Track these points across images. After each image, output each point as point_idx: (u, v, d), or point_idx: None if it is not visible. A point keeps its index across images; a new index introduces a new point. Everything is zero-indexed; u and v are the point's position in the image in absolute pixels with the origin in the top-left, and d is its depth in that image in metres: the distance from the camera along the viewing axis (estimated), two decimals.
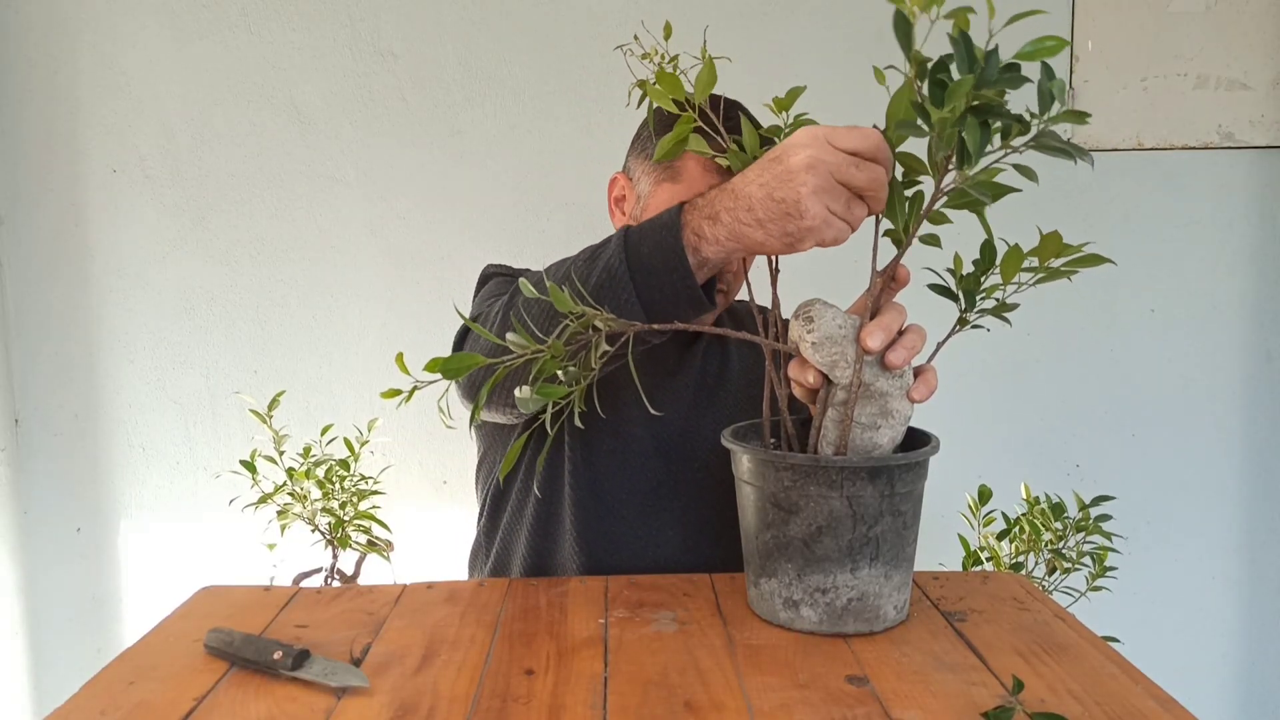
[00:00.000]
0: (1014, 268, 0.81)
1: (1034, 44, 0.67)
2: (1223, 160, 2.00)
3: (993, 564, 1.50)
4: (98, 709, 0.70)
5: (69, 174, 1.97)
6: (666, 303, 0.84)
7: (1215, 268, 2.03)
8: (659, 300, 0.84)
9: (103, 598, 2.06)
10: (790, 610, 0.81)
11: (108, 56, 1.95)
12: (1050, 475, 1.99)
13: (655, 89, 0.86)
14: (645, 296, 0.84)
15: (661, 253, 0.84)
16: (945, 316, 0.87)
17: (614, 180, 1.21)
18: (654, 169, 1.12)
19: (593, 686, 0.72)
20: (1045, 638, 0.81)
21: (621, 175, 1.20)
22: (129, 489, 2.04)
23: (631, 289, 0.84)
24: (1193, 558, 2.08)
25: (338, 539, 1.60)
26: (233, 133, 1.97)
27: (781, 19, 1.96)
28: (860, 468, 0.78)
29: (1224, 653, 2.10)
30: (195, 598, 0.92)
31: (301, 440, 1.67)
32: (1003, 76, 0.66)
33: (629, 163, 1.19)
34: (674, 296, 0.84)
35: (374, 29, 1.96)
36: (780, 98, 0.89)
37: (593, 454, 1.10)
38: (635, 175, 1.16)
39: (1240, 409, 2.05)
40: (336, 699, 0.70)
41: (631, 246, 0.86)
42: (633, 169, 1.17)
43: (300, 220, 1.99)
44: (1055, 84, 0.68)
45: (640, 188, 1.15)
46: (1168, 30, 1.96)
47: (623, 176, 1.20)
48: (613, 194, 1.21)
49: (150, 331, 2.01)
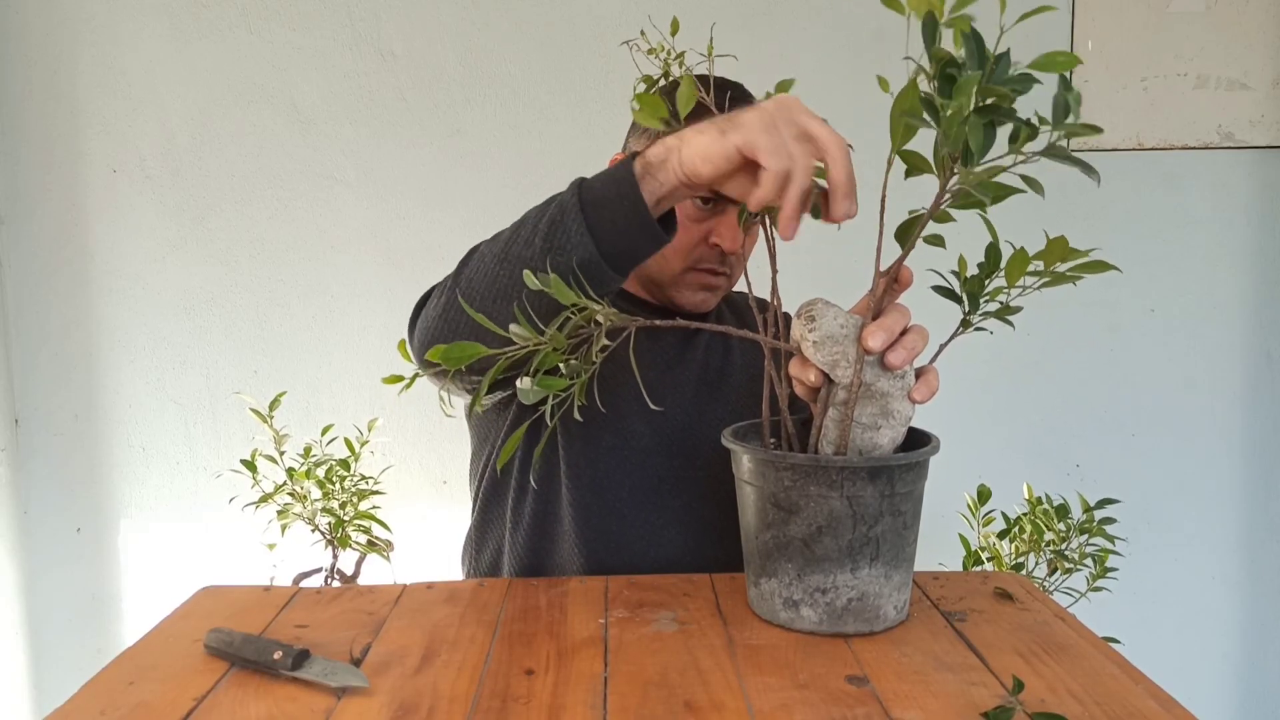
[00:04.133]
0: (1019, 271, 0.80)
1: (1047, 57, 0.67)
2: (1223, 160, 2.00)
3: (993, 564, 1.50)
4: (98, 709, 0.70)
5: (69, 174, 1.97)
6: (619, 233, 0.82)
7: (1215, 268, 2.03)
8: (611, 231, 0.82)
9: (103, 598, 2.06)
10: (790, 610, 0.81)
11: (108, 56, 1.95)
12: (1050, 475, 1.99)
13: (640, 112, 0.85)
14: (596, 227, 0.82)
15: (613, 183, 0.83)
16: (948, 318, 0.87)
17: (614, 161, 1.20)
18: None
19: (593, 686, 0.72)
20: (1045, 638, 0.81)
21: (622, 155, 1.20)
22: (129, 489, 2.04)
23: (581, 220, 0.82)
24: (1193, 558, 2.08)
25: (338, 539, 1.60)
26: (233, 133, 1.97)
27: (782, 18, 1.96)
28: (860, 468, 0.78)
29: (1224, 653, 2.10)
30: (195, 598, 0.92)
31: (302, 440, 1.67)
32: (1013, 78, 0.66)
33: (629, 143, 1.19)
34: (626, 225, 0.82)
35: (374, 29, 1.96)
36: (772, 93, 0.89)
37: (593, 451, 1.10)
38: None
39: (1240, 409, 2.05)
40: (336, 699, 0.70)
41: (585, 184, 0.85)
42: (632, 149, 1.17)
43: (300, 220, 1.99)
44: (1073, 95, 0.68)
45: None
46: (1168, 30, 1.96)
47: (623, 156, 1.19)
48: None
49: (150, 331, 2.01)
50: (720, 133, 0.78)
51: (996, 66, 0.66)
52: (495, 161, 1.97)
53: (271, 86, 1.96)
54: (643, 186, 0.82)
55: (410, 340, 0.99)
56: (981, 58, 0.66)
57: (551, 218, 0.84)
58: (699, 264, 1.12)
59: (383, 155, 1.98)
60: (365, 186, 1.99)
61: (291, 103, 1.97)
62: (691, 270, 1.12)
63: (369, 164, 1.98)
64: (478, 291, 0.88)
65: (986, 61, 0.66)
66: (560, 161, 1.96)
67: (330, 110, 1.97)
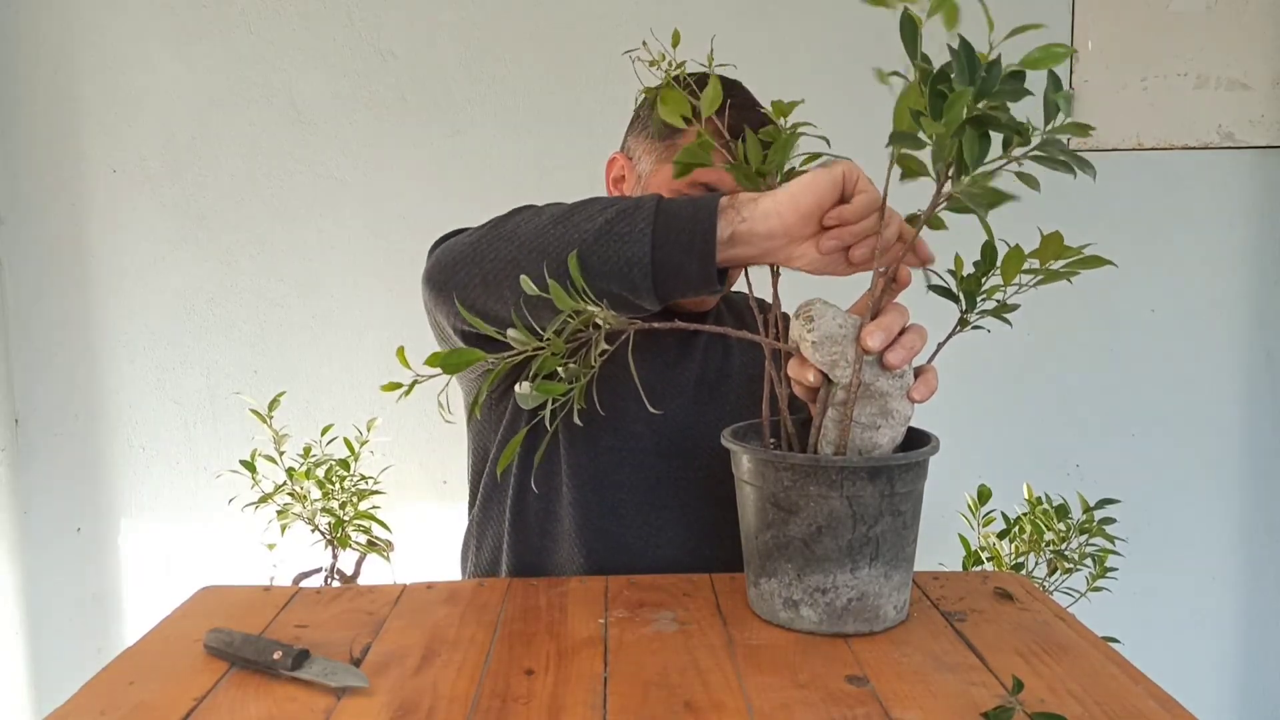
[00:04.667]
0: (1015, 269, 0.81)
1: (1041, 50, 0.65)
2: (1223, 160, 2.00)
3: (993, 564, 1.50)
4: (98, 709, 0.70)
5: (69, 174, 1.97)
6: (677, 247, 0.81)
7: (1215, 268, 2.03)
8: (671, 243, 0.81)
9: (103, 598, 2.06)
10: (790, 610, 0.81)
11: (108, 56, 1.95)
12: (1050, 475, 1.99)
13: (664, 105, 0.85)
14: (660, 231, 0.81)
15: (693, 204, 0.82)
16: (946, 317, 0.87)
17: (613, 160, 1.19)
18: (655, 147, 1.11)
19: (593, 686, 0.72)
20: (1045, 638, 0.81)
21: (621, 155, 1.18)
22: (129, 489, 2.04)
23: (651, 219, 0.81)
24: (1193, 558, 2.08)
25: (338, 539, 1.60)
26: (233, 133, 1.97)
27: (782, 20, 1.96)
28: (860, 468, 0.78)
29: (1224, 653, 2.10)
30: (195, 598, 0.92)
31: (301, 440, 1.68)
32: (1004, 88, 0.65)
33: (628, 142, 1.18)
34: (688, 242, 0.80)
35: (374, 29, 1.96)
36: (781, 103, 0.89)
37: (593, 451, 1.10)
38: (636, 155, 1.15)
39: (1240, 409, 2.05)
40: (336, 699, 0.70)
41: (664, 199, 0.84)
42: (633, 148, 1.16)
43: (300, 220, 1.99)
44: (1062, 95, 0.67)
45: (641, 167, 1.14)
46: (1168, 30, 1.96)
47: (622, 156, 1.18)
48: (611, 174, 1.19)
49: (150, 331, 2.01)
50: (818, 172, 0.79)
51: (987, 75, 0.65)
52: (495, 161, 1.97)
53: (271, 86, 1.96)
54: (722, 217, 0.81)
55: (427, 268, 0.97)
56: (972, 70, 0.66)
57: (622, 207, 0.84)
58: None
59: (383, 155, 1.98)
60: (365, 186, 1.99)
61: (291, 103, 1.97)
62: None
63: (369, 164, 1.98)
64: (520, 238, 0.87)
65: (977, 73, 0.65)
66: (560, 162, 1.96)
67: (330, 110, 1.97)
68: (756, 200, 0.81)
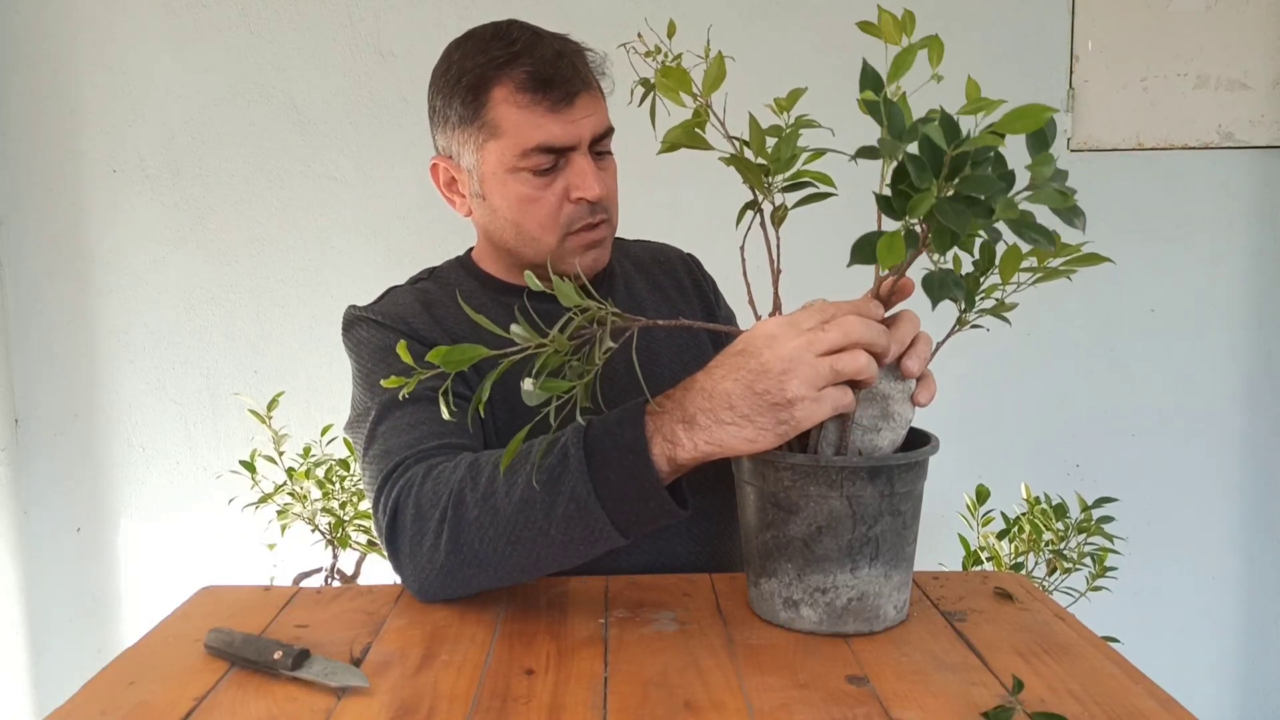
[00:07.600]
0: (1013, 267, 0.80)
1: (1016, 113, 0.61)
2: (1223, 160, 2.00)
3: (993, 564, 1.50)
4: (98, 709, 0.70)
5: (69, 174, 1.97)
6: (644, 523, 0.81)
7: (1215, 268, 2.03)
8: (635, 522, 0.81)
9: (103, 598, 2.06)
10: (790, 610, 0.81)
11: (108, 56, 1.95)
12: (1050, 475, 1.99)
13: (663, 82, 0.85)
14: (621, 522, 0.80)
15: (634, 480, 0.79)
16: (944, 316, 0.87)
17: (434, 167, 1.10)
18: (469, 134, 1.04)
19: (593, 686, 0.72)
20: (1045, 638, 0.81)
21: (440, 158, 1.09)
22: (129, 489, 2.04)
23: (604, 518, 0.79)
24: (1193, 558, 2.08)
25: (338, 539, 1.60)
26: (233, 133, 1.97)
27: (781, 19, 1.96)
28: (860, 468, 0.78)
29: (1224, 653, 2.10)
30: (195, 598, 0.92)
31: (301, 440, 1.68)
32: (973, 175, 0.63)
33: (438, 141, 1.09)
34: (650, 517, 0.81)
35: (374, 29, 1.96)
36: (781, 98, 0.89)
37: None
38: (454, 151, 1.06)
39: (1240, 409, 2.05)
40: (336, 699, 0.70)
41: (596, 471, 0.79)
42: (447, 145, 1.07)
43: (300, 220, 1.99)
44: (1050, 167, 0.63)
45: (465, 161, 1.06)
46: (1168, 30, 1.96)
47: (441, 159, 1.09)
48: (441, 181, 1.11)
49: (150, 331, 2.01)
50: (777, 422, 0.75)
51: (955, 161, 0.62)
52: None
53: (271, 86, 1.96)
54: (664, 471, 0.79)
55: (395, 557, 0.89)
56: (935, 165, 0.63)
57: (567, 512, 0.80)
58: (572, 226, 1.04)
59: (383, 155, 1.98)
60: (365, 186, 1.99)
61: (291, 103, 1.97)
62: (568, 236, 1.05)
63: (369, 164, 1.98)
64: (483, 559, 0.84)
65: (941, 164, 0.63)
66: None
67: (330, 110, 1.97)
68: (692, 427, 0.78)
